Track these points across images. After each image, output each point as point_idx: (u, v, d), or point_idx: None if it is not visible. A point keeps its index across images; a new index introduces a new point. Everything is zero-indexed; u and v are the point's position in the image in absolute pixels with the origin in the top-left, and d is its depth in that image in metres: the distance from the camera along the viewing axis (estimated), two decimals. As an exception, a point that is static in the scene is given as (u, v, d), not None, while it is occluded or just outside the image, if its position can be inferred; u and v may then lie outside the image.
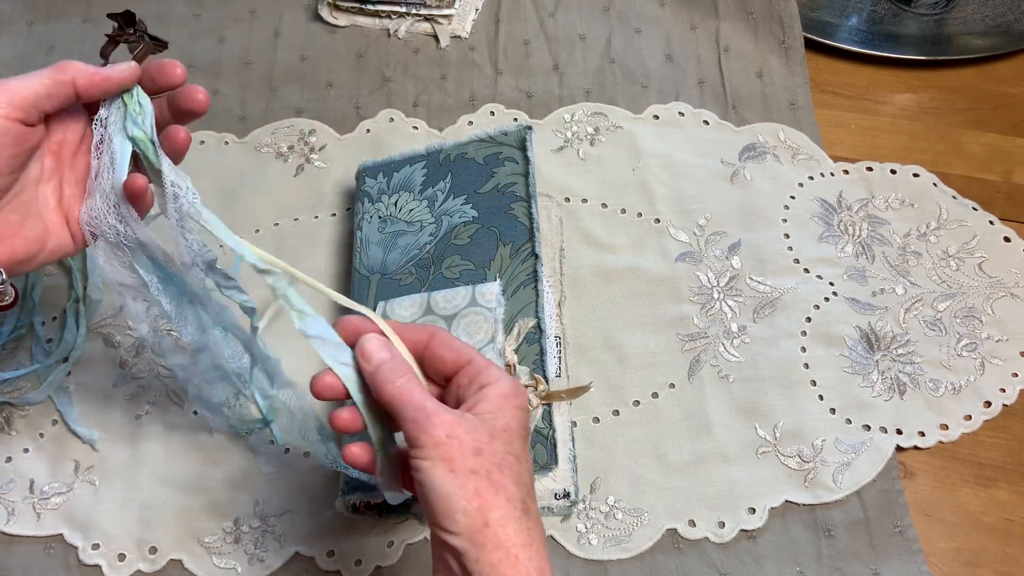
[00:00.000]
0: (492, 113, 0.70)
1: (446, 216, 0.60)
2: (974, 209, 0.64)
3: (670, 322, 0.60)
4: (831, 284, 0.61)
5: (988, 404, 0.57)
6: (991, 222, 0.64)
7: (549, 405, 0.53)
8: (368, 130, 0.70)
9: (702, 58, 0.73)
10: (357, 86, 0.73)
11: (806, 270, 0.62)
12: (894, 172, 0.66)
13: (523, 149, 0.61)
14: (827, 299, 0.60)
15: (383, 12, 0.75)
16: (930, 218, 0.64)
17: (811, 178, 0.66)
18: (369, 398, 0.41)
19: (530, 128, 0.62)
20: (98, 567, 0.53)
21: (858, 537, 0.53)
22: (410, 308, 0.55)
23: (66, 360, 0.59)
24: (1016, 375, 0.58)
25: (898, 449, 0.55)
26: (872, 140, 0.69)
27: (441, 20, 0.75)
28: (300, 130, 0.70)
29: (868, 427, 0.56)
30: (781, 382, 0.57)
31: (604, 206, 0.65)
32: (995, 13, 0.76)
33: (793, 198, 0.65)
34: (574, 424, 0.56)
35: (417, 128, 0.70)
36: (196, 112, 0.44)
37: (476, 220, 0.59)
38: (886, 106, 0.71)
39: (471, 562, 0.35)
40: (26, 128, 0.41)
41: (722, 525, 0.53)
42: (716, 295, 0.61)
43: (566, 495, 0.52)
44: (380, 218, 0.61)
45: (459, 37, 0.75)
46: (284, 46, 0.75)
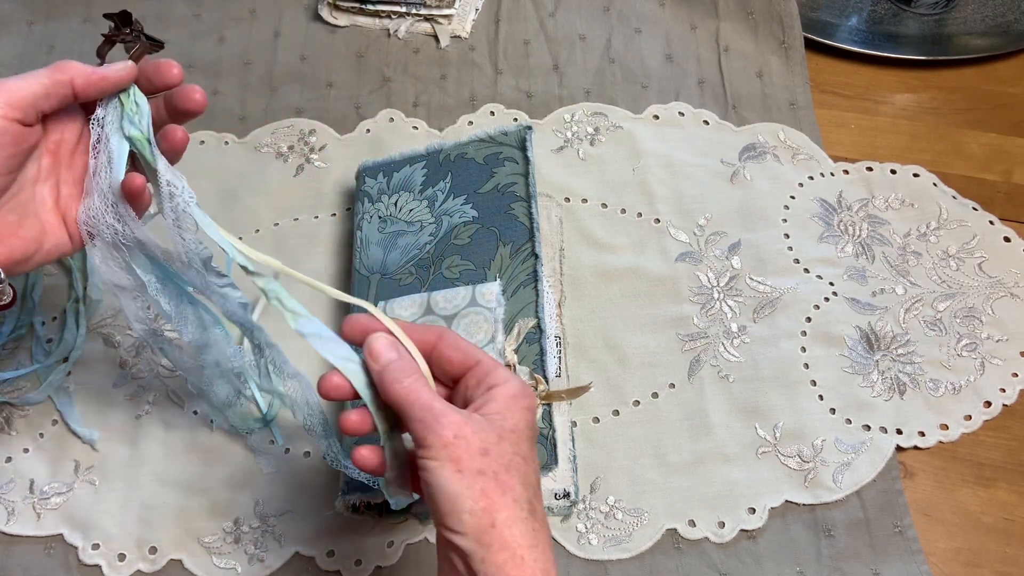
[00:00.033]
0: (492, 113, 0.70)
1: (446, 216, 0.60)
2: (974, 209, 0.64)
3: (670, 322, 0.60)
4: (831, 284, 0.61)
5: (988, 404, 0.57)
6: (991, 222, 0.64)
7: (549, 405, 0.53)
8: (368, 130, 0.70)
9: (702, 58, 0.73)
10: (357, 86, 0.73)
11: (806, 270, 0.62)
12: (894, 172, 0.66)
13: (523, 149, 0.61)
14: (827, 299, 0.60)
15: (383, 12, 0.75)
16: (930, 218, 0.64)
17: (811, 178, 0.66)
18: (376, 395, 0.40)
19: (530, 128, 0.62)
20: (98, 567, 0.53)
21: (858, 537, 0.53)
22: (410, 308, 0.55)
23: (66, 360, 0.59)
24: (1016, 375, 0.58)
25: (898, 449, 0.55)
26: (872, 140, 0.69)
27: (441, 20, 0.75)
28: (300, 130, 0.70)
29: (868, 427, 0.56)
30: (781, 382, 0.57)
31: (604, 206, 0.65)
32: (995, 13, 0.76)
33: (793, 198, 0.65)
34: (574, 424, 0.56)
35: (417, 128, 0.70)
36: (193, 111, 0.44)
37: (476, 220, 0.59)
38: (886, 106, 0.71)
39: (477, 562, 0.35)
40: (24, 128, 0.41)
41: (722, 525, 0.53)
42: (716, 295, 0.61)
43: (566, 495, 0.52)
44: (380, 218, 0.61)
45: (459, 37, 0.75)
46: (284, 46, 0.75)
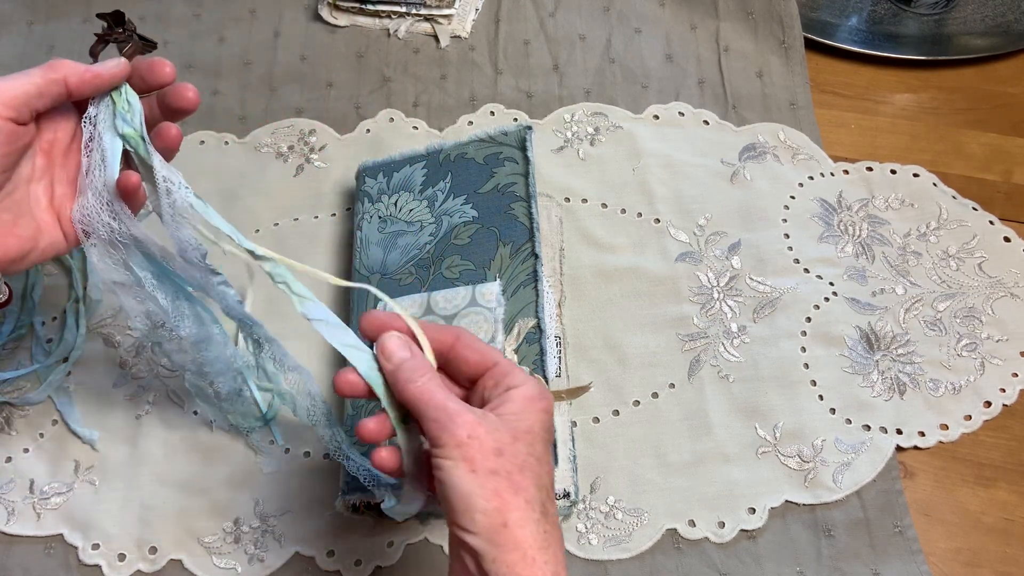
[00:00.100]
0: (492, 113, 0.70)
1: (446, 216, 0.60)
2: (974, 209, 0.64)
3: (670, 322, 0.60)
4: (831, 284, 0.61)
5: (988, 404, 0.57)
6: (991, 222, 0.64)
7: (549, 405, 0.53)
8: (368, 130, 0.70)
9: (702, 58, 0.73)
10: (357, 86, 0.73)
11: (806, 270, 0.62)
12: (894, 172, 0.66)
13: (523, 149, 0.61)
14: (827, 299, 0.60)
15: (383, 12, 0.75)
16: (930, 218, 0.64)
17: (811, 178, 0.66)
18: (389, 389, 0.40)
19: (530, 128, 0.62)
20: (98, 567, 0.53)
21: (858, 537, 0.53)
22: (410, 308, 0.55)
23: (66, 360, 0.59)
24: (1016, 375, 0.58)
25: (898, 449, 0.55)
26: (872, 140, 0.69)
27: (441, 20, 0.75)
28: (300, 130, 0.70)
29: (868, 427, 0.56)
30: (781, 382, 0.57)
31: (604, 206, 0.65)
32: (995, 13, 0.76)
33: (793, 198, 0.65)
34: (574, 424, 0.56)
35: (417, 128, 0.70)
36: (186, 109, 0.44)
37: (476, 220, 0.59)
38: (886, 106, 0.71)
39: (488, 562, 0.35)
40: (18, 127, 0.41)
41: (722, 525, 0.53)
42: (716, 295, 0.61)
43: (566, 495, 0.52)
44: (380, 218, 0.61)
45: (459, 37, 0.75)
46: (284, 46, 0.75)
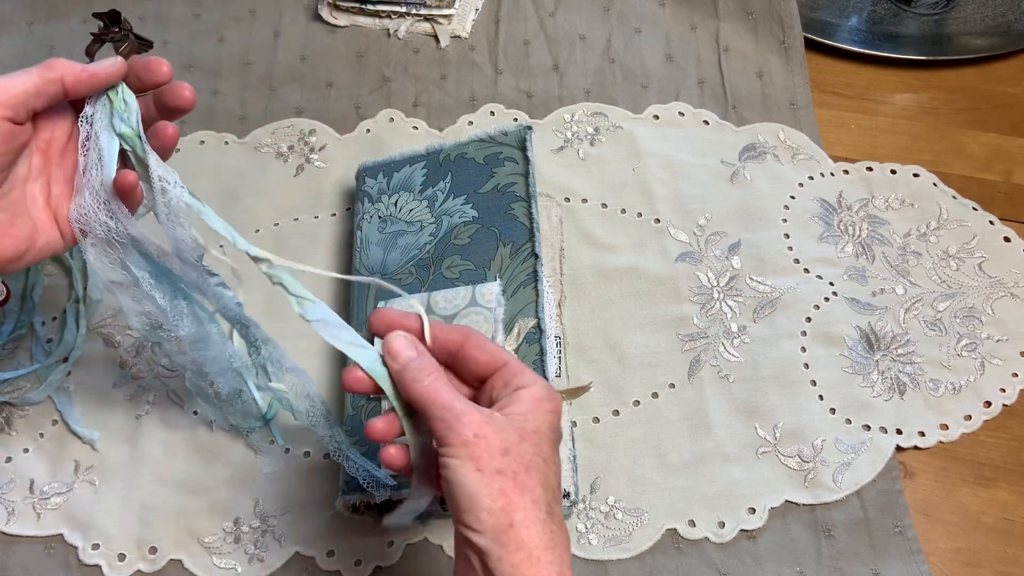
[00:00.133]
0: (492, 113, 0.70)
1: (446, 216, 0.60)
2: (974, 209, 0.64)
3: (670, 322, 0.60)
4: (831, 284, 0.61)
5: (988, 404, 0.57)
6: (991, 222, 0.64)
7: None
8: (368, 130, 0.70)
9: (702, 58, 0.73)
10: (357, 86, 0.73)
11: (806, 270, 0.62)
12: (894, 172, 0.66)
13: (523, 149, 0.61)
14: (827, 299, 0.60)
15: (383, 12, 0.75)
16: (930, 218, 0.64)
17: (811, 178, 0.66)
18: (395, 385, 0.40)
19: (530, 128, 0.62)
20: (98, 567, 0.53)
21: (858, 537, 0.53)
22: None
23: (66, 360, 0.59)
24: (1016, 375, 0.58)
25: (898, 449, 0.55)
26: (872, 140, 0.69)
27: (441, 20, 0.75)
28: (300, 130, 0.70)
29: (868, 427, 0.56)
30: (781, 382, 0.57)
31: (604, 206, 0.65)
32: (995, 13, 0.76)
33: (793, 198, 0.65)
34: (574, 424, 0.56)
35: (417, 128, 0.70)
36: (182, 108, 0.44)
37: (476, 220, 0.59)
38: (886, 106, 0.71)
39: (493, 561, 0.36)
40: (15, 126, 0.41)
41: (722, 525, 0.53)
42: (716, 295, 0.61)
43: (566, 495, 0.52)
44: (380, 218, 0.61)
45: (459, 37, 0.75)
46: (284, 46, 0.75)
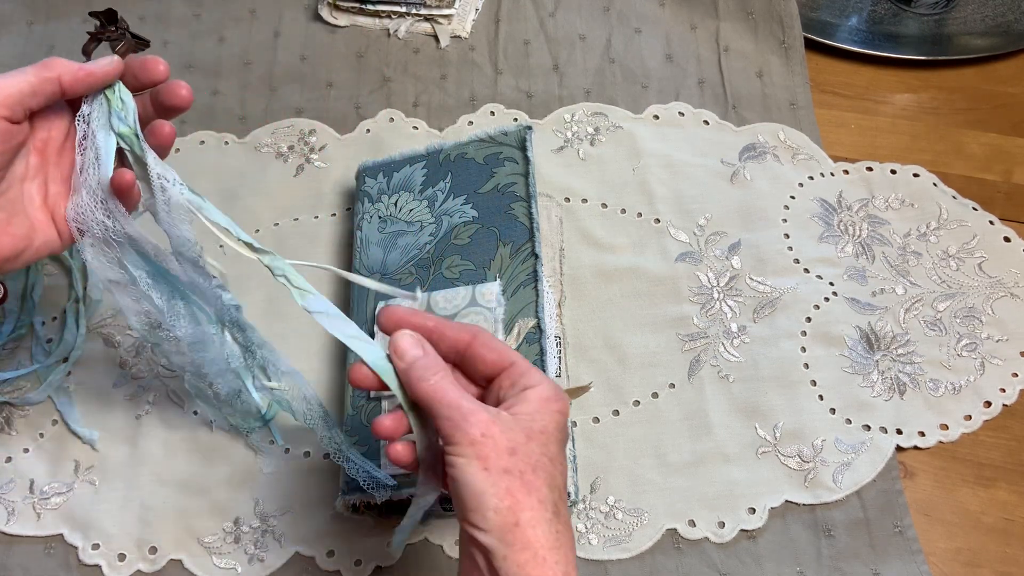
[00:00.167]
0: (492, 113, 0.70)
1: (446, 216, 0.60)
2: (974, 209, 0.64)
3: (670, 322, 0.60)
4: (831, 284, 0.61)
5: (988, 404, 0.57)
6: (991, 222, 0.64)
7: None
8: (368, 130, 0.70)
9: (702, 58, 0.73)
10: (357, 86, 0.73)
11: (806, 270, 0.62)
12: (894, 172, 0.66)
13: (523, 149, 0.61)
14: (827, 299, 0.60)
15: (383, 12, 0.75)
16: (930, 218, 0.64)
17: (811, 178, 0.66)
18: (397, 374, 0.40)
19: (530, 128, 0.62)
20: (98, 567, 0.53)
21: (858, 537, 0.53)
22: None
23: (66, 360, 0.59)
24: (1016, 375, 0.58)
25: (898, 449, 0.55)
26: (872, 140, 0.69)
27: (441, 20, 0.75)
28: (300, 130, 0.70)
29: (868, 427, 0.56)
30: (781, 382, 0.57)
31: (604, 206, 0.65)
32: (995, 13, 0.76)
33: (793, 198, 0.65)
34: (574, 424, 0.56)
35: (417, 128, 0.70)
36: (179, 107, 0.44)
37: (476, 220, 0.59)
38: (886, 106, 0.71)
39: (499, 560, 0.36)
40: (11, 126, 0.41)
41: (722, 525, 0.53)
42: (716, 295, 0.61)
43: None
44: (380, 218, 0.61)
45: (459, 37, 0.75)
46: (284, 46, 0.75)
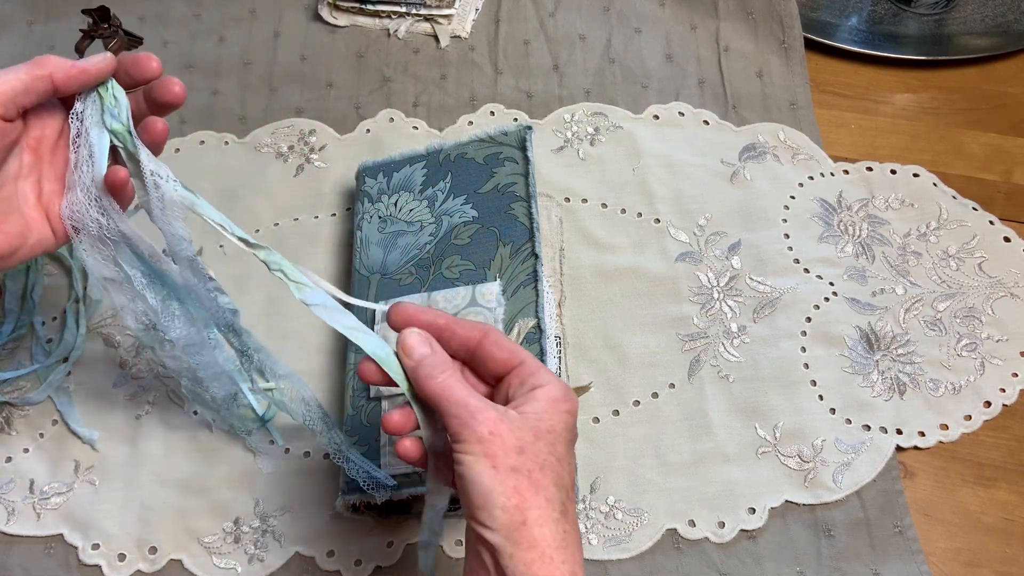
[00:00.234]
0: (492, 113, 0.70)
1: (446, 216, 0.60)
2: (974, 209, 0.64)
3: (670, 322, 0.60)
4: (831, 284, 0.61)
5: (988, 404, 0.57)
6: (991, 222, 0.64)
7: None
8: (368, 130, 0.70)
9: (702, 58, 0.73)
10: (357, 86, 0.73)
11: (806, 270, 0.62)
12: (894, 172, 0.66)
13: (523, 149, 0.61)
14: (827, 299, 0.60)
15: (383, 12, 0.75)
16: (930, 218, 0.64)
17: (811, 178, 0.66)
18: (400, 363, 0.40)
19: (530, 128, 0.62)
20: (98, 567, 0.53)
21: (858, 537, 0.53)
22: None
23: (66, 360, 0.59)
24: (1016, 375, 0.58)
25: (898, 449, 0.55)
26: (872, 140, 0.69)
27: (441, 20, 0.75)
28: (300, 130, 0.70)
29: (868, 427, 0.56)
30: (781, 382, 0.57)
31: (604, 206, 0.65)
32: (995, 13, 0.76)
33: (793, 198, 0.65)
34: (574, 424, 0.56)
35: (417, 128, 0.70)
36: (172, 104, 0.44)
37: (476, 220, 0.59)
38: (886, 106, 0.71)
39: (505, 558, 0.35)
40: (4, 124, 0.41)
41: (722, 525, 0.53)
42: (716, 295, 0.61)
43: (566, 495, 0.52)
44: (380, 218, 0.61)
45: (459, 37, 0.75)
46: (284, 46, 0.75)
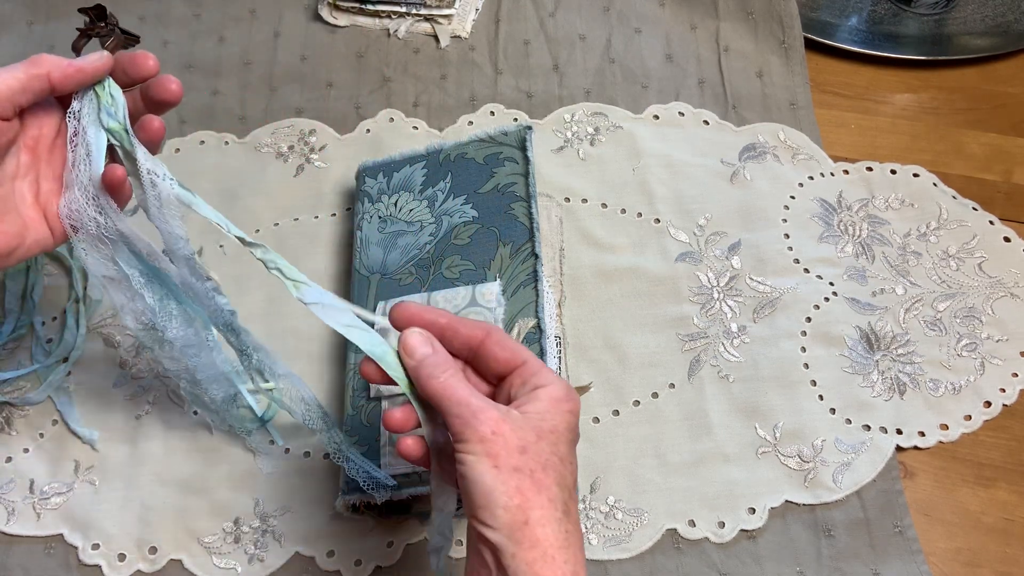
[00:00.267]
0: (492, 113, 0.70)
1: (446, 216, 0.60)
2: (974, 209, 0.64)
3: (670, 322, 0.60)
4: (831, 284, 0.61)
5: (988, 404, 0.57)
6: (991, 222, 0.64)
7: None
8: (368, 130, 0.70)
9: (702, 58, 0.73)
10: (357, 86, 0.73)
11: (806, 270, 0.62)
12: (894, 172, 0.66)
13: (523, 149, 0.61)
14: (827, 299, 0.60)
15: (383, 12, 0.75)
16: (930, 218, 0.64)
17: (811, 178, 0.66)
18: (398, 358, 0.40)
19: (530, 128, 0.62)
20: (98, 567, 0.53)
21: (858, 537, 0.53)
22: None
23: (66, 360, 0.59)
24: (1016, 375, 0.57)
25: (898, 449, 0.55)
26: (872, 140, 0.69)
27: (441, 20, 0.75)
28: (300, 130, 0.70)
29: (868, 427, 0.56)
30: (781, 382, 0.57)
31: (604, 206, 0.65)
32: (995, 13, 0.76)
33: (793, 198, 0.65)
34: (574, 424, 0.56)
35: (417, 128, 0.70)
36: (169, 102, 0.44)
37: (476, 220, 0.59)
38: (886, 106, 0.71)
39: (507, 558, 0.35)
40: (1, 123, 0.41)
41: (722, 525, 0.53)
42: (716, 295, 0.61)
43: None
44: (380, 218, 0.61)
45: (459, 37, 0.75)
46: (284, 46, 0.75)
